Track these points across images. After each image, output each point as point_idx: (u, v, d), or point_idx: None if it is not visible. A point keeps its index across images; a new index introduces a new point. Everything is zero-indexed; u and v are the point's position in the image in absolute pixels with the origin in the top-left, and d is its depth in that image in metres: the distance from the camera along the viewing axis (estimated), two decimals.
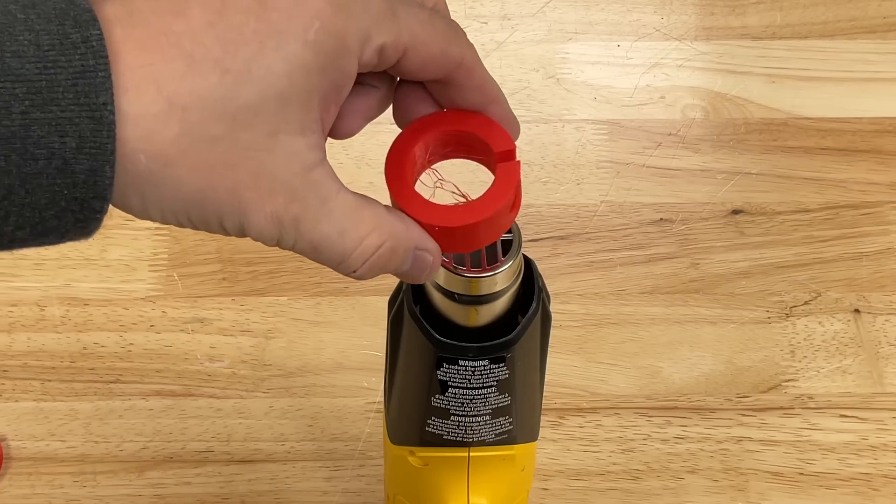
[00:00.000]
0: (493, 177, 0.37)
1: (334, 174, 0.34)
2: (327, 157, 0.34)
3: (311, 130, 0.32)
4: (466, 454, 0.46)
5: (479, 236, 0.36)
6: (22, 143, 0.28)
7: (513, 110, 0.38)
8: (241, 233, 0.33)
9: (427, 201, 0.36)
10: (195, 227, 0.33)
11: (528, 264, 0.41)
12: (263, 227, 0.32)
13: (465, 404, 0.42)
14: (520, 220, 0.41)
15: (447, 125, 0.37)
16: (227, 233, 0.33)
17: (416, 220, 0.35)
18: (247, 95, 0.30)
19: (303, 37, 0.31)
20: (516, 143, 0.37)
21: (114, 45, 0.30)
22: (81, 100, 0.29)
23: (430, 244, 0.35)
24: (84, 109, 0.29)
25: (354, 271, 0.34)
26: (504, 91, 0.38)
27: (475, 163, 0.38)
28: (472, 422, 0.43)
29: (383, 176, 0.37)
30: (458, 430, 0.44)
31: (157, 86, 0.30)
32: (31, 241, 0.30)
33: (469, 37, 0.37)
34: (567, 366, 0.70)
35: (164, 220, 0.32)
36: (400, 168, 0.37)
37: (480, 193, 0.36)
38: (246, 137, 0.31)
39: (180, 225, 0.33)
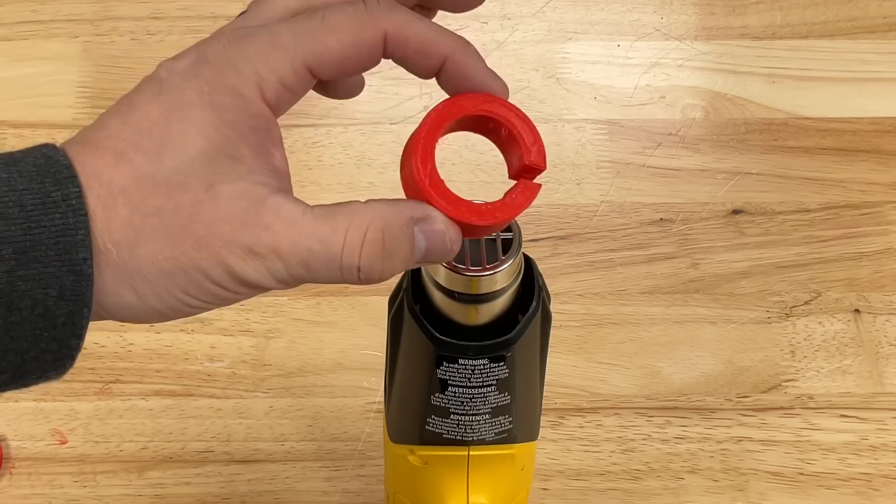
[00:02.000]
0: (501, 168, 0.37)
1: (295, 199, 0.34)
2: (298, 197, 0.34)
3: (252, 171, 0.34)
4: (466, 453, 0.46)
5: (476, 234, 0.36)
6: (8, 298, 0.31)
7: None
8: (238, 279, 0.34)
9: (449, 192, 0.35)
10: (202, 301, 0.34)
11: (529, 263, 0.41)
12: (248, 266, 0.33)
13: (465, 403, 0.42)
14: (520, 219, 0.41)
15: (481, 106, 0.37)
16: (229, 288, 0.34)
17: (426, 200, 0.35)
18: (169, 163, 0.33)
19: (198, 102, 0.33)
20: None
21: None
22: (63, 256, 0.31)
23: (430, 211, 0.35)
24: (65, 265, 0.31)
25: (359, 270, 0.34)
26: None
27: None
28: (472, 420, 0.43)
29: (383, 176, 0.37)
30: (457, 429, 0.44)
31: (98, 180, 0.32)
32: (12, 384, 0.33)
33: (469, 37, 0.37)
34: (567, 366, 0.70)
35: (169, 306, 0.34)
36: (429, 154, 0.36)
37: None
38: (186, 198, 0.33)
39: (188, 306, 0.34)
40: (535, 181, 0.36)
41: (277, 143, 0.35)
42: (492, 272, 0.38)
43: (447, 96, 0.37)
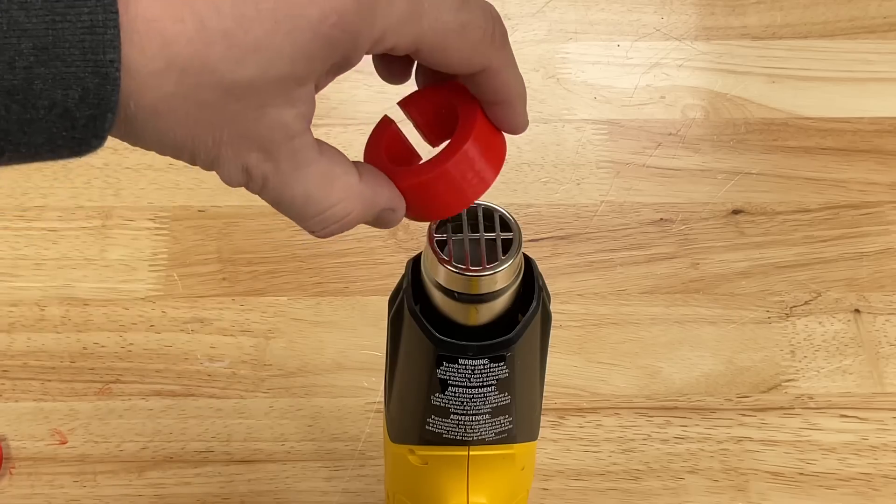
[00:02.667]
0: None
1: (316, 143, 0.34)
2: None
3: (302, 102, 0.33)
4: (466, 453, 0.46)
5: (441, 196, 0.37)
6: (24, 95, 0.28)
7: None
8: (209, 169, 0.34)
9: (395, 166, 0.38)
10: (163, 154, 0.33)
11: (529, 263, 0.41)
12: (233, 175, 0.34)
13: (465, 403, 0.42)
14: (520, 220, 0.41)
15: (430, 99, 0.38)
16: (194, 164, 0.33)
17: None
18: (247, 73, 0.30)
19: (317, 27, 0.31)
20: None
21: None
22: (88, 56, 0.28)
23: (397, 203, 0.37)
24: (90, 65, 0.28)
25: (314, 233, 0.36)
26: None
27: None
28: (472, 420, 0.43)
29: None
30: (457, 429, 0.44)
31: (162, 43, 0.29)
32: (20, 160, 0.30)
33: None
34: (567, 366, 0.70)
35: (135, 146, 0.33)
36: (376, 142, 0.39)
37: None
38: (235, 107, 0.31)
39: (148, 149, 0.33)
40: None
41: (337, 74, 0.35)
42: (492, 272, 0.38)
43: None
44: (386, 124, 0.40)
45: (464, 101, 0.37)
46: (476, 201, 0.40)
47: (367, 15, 0.32)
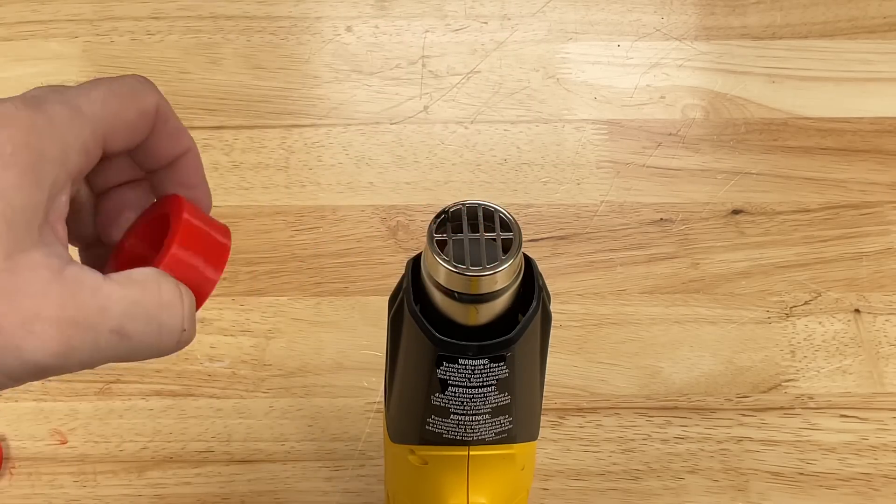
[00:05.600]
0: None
1: (89, 268, 0.33)
2: None
3: (46, 241, 0.32)
4: (466, 453, 0.45)
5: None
6: None
7: (513, 109, 0.38)
8: (33, 367, 0.31)
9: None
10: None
11: (529, 263, 0.41)
12: (49, 346, 0.31)
13: (465, 403, 0.42)
14: (520, 219, 0.41)
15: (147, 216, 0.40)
16: (18, 374, 0.32)
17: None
18: None
19: (0, 161, 0.31)
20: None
21: None
22: None
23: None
24: None
25: (184, 331, 0.35)
26: (504, 91, 0.38)
27: None
28: (472, 420, 0.43)
29: (384, 176, 0.37)
30: (457, 429, 0.44)
31: None
32: None
33: (469, 36, 0.37)
34: (567, 366, 0.70)
35: None
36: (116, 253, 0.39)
37: None
38: None
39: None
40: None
41: (63, 217, 0.34)
42: (492, 272, 0.38)
43: None
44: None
45: (171, 206, 0.39)
46: (476, 201, 0.40)
47: (39, 131, 0.33)
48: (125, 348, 0.33)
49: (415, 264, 0.41)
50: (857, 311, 0.72)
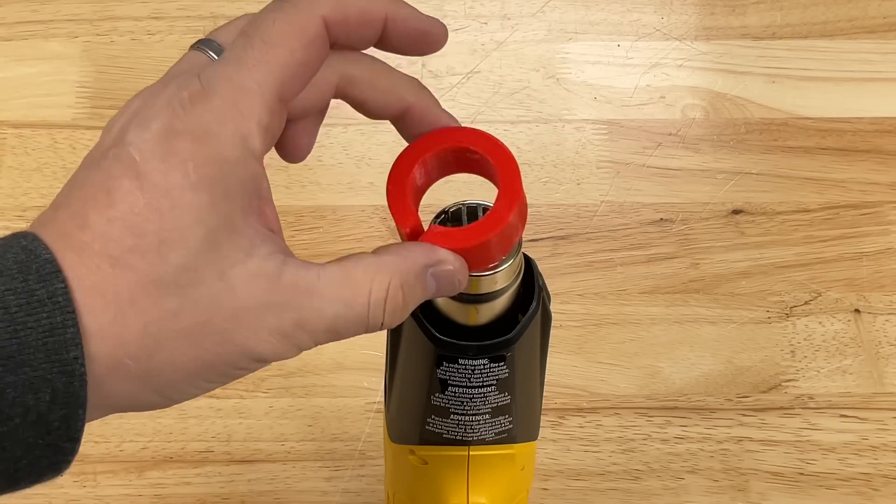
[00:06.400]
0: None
1: (302, 263, 0.33)
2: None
3: (255, 244, 0.32)
4: (466, 453, 0.45)
5: (493, 252, 0.36)
6: None
7: (513, 109, 0.38)
8: (264, 360, 0.33)
9: (438, 228, 0.36)
10: (221, 385, 0.33)
11: (529, 263, 0.41)
12: (277, 348, 0.32)
13: (465, 403, 0.42)
14: None
15: (442, 143, 0.37)
16: (252, 369, 0.33)
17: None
18: (175, 260, 0.30)
19: (186, 184, 0.31)
20: (514, 146, 0.37)
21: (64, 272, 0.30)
22: (52, 357, 0.29)
23: (441, 255, 0.35)
24: (55, 366, 0.29)
25: (382, 324, 0.34)
26: (504, 91, 0.38)
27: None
28: (472, 420, 0.43)
29: (383, 176, 0.37)
30: (457, 429, 0.44)
31: (102, 294, 0.30)
32: (6, 488, 0.30)
33: (469, 36, 0.37)
34: (567, 366, 0.70)
35: (190, 396, 0.33)
36: (402, 195, 0.36)
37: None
38: (202, 293, 0.31)
39: (206, 391, 0.33)
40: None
41: (269, 200, 0.34)
42: (492, 272, 0.38)
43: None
44: (404, 176, 0.37)
45: (484, 143, 0.36)
46: (476, 201, 0.40)
47: (210, 133, 0.32)
48: (342, 336, 0.34)
49: None
50: (857, 311, 0.72)
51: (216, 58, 0.35)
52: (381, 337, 0.45)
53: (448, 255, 0.35)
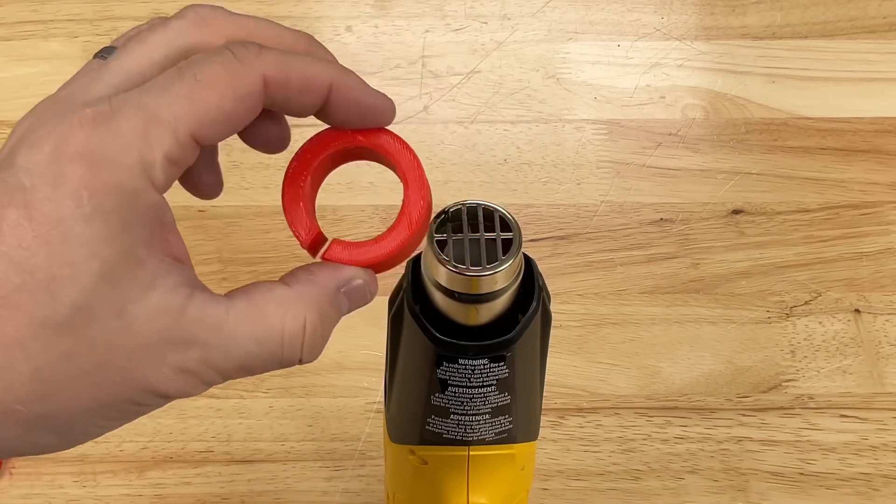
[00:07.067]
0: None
1: (211, 296, 0.31)
2: None
3: (159, 276, 0.30)
4: (466, 453, 0.45)
5: (402, 258, 0.36)
6: None
7: (513, 109, 0.38)
8: (168, 397, 0.31)
9: (339, 242, 0.35)
10: (125, 422, 0.31)
11: (529, 263, 0.41)
12: (181, 385, 0.31)
13: (465, 403, 0.42)
14: (520, 219, 0.41)
15: (335, 144, 0.35)
16: (157, 405, 0.31)
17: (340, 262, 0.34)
18: (67, 299, 0.28)
19: (79, 214, 0.28)
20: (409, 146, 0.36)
21: None
22: None
23: (349, 272, 0.34)
24: None
25: (301, 360, 0.33)
26: (504, 91, 0.38)
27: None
28: (472, 420, 0.43)
29: (383, 176, 0.37)
30: (457, 429, 0.44)
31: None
32: None
33: (469, 36, 0.37)
34: (567, 366, 0.70)
35: (92, 435, 0.31)
36: (297, 205, 0.35)
37: None
38: (95, 332, 0.29)
39: (109, 429, 0.31)
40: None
41: (173, 228, 0.31)
42: (492, 272, 0.38)
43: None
44: (298, 186, 0.36)
45: (391, 148, 0.35)
46: (476, 201, 0.39)
47: (108, 161, 0.29)
48: (254, 372, 0.32)
49: (415, 264, 0.41)
50: (857, 311, 0.72)
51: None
52: (381, 337, 0.45)
53: (356, 271, 0.34)
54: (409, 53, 0.80)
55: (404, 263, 0.37)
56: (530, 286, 0.41)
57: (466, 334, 0.40)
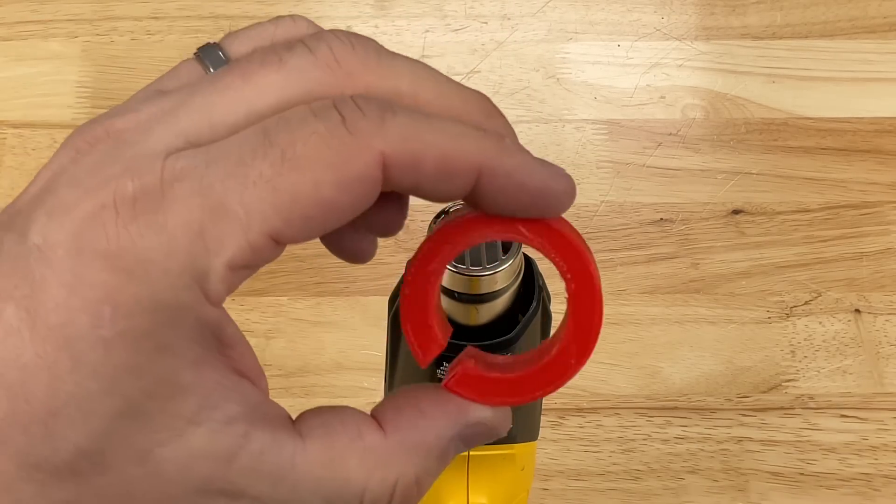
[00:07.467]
0: None
1: (275, 431, 0.25)
2: None
3: (206, 408, 0.23)
4: (466, 453, 0.45)
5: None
6: None
7: (513, 109, 0.36)
8: None
9: (470, 359, 0.26)
10: None
11: (529, 263, 0.41)
12: None
13: None
14: None
15: (487, 234, 0.25)
16: None
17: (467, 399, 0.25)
18: (66, 440, 0.21)
19: (96, 337, 0.21)
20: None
21: None
22: None
23: (476, 415, 0.26)
24: None
25: None
26: (504, 91, 0.37)
27: None
28: None
29: None
30: None
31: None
32: None
33: (469, 36, 0.36)
34: None
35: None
36: (424, 315, 0.26)
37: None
38: (108, 481, 0.22)
39: None
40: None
41: (235, 342, 0.25)
42: (492, 272, 0.38)
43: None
44: (430, 280, 0.26)
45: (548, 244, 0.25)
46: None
47: (144, 269, 0.21)
48: None
49: None
50: (857, 311, 0.72)
51: (212, 71, 0.25)
52: (381, 337, 0.45)
53: (485, 412, 0.26)
54: (409, 53, 0.80)
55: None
56: (530, 286, 0.41)
57: (466, 334, 0.40)
